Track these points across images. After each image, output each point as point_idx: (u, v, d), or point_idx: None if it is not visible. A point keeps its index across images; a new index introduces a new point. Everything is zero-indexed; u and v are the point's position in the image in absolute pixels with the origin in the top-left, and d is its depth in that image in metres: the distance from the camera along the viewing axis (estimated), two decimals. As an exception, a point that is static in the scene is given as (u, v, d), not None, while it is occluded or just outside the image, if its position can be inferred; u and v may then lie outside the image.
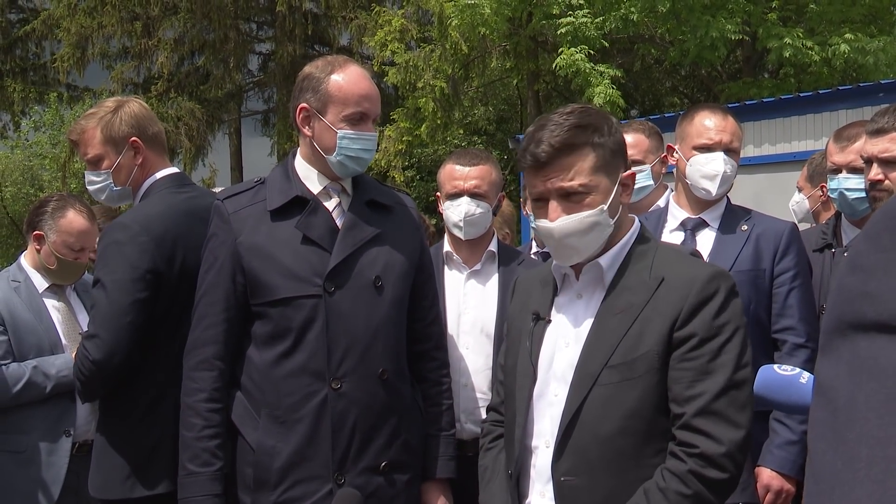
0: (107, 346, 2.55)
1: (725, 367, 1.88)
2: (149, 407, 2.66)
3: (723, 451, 1.84)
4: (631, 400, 1.91)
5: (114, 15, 20.64)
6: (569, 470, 1.95)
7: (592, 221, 1.97)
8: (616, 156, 2.02)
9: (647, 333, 1.92)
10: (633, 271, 2.00)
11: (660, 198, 3.67)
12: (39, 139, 22.18)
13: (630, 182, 2.06)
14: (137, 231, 2.62)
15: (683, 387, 1.88)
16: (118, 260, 2.60)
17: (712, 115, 3.08)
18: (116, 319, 2.56)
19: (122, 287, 2.58)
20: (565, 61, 13.69)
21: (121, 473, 2.64)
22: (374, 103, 2.55)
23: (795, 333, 2.97)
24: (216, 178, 21.84)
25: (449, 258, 3.16)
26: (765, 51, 14.80)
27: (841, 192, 3.17)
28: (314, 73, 2.54)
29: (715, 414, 1.85)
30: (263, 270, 2.46)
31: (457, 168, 3.10)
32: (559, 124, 1.97)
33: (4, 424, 3.37)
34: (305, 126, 2.54)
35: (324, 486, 2.42)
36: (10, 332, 3.38)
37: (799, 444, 2.93)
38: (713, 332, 1.90)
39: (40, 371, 3.33)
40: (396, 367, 2.55)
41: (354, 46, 21.32)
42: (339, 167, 2.53)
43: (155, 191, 2.82)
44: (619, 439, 1.91)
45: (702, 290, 1.92)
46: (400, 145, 17.18)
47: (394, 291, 2.55)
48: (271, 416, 2.44)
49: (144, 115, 2.88)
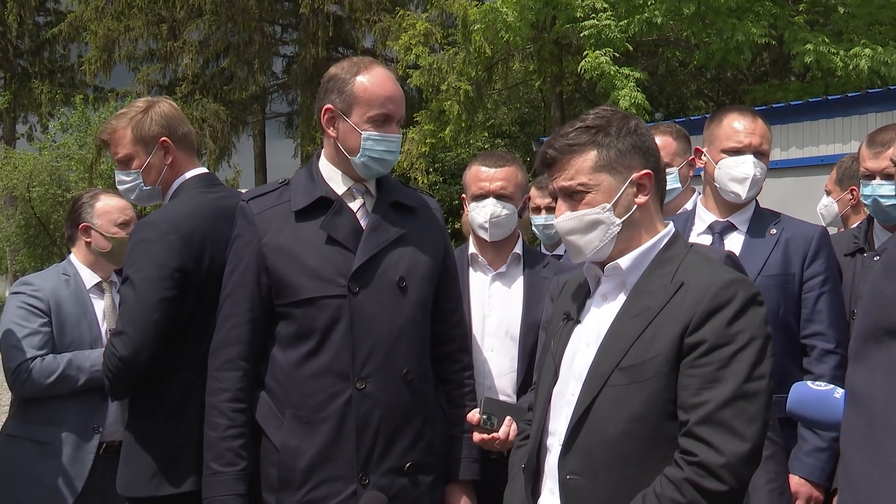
0: (134, 344, 2.56)
1: (735, 377, 1.82)
2: (176, 406, 2.67)
3: (722, 463, 1.78)
4: (637, 403, 1.89)
5: (140, 18, 20.88)
6: (574, 469, 1.94)
7: (593, 219, 2.00)
8: (627, 156, 2.01)
9: (659, 337, 1.90)
10: (657, 275, 1.98)
11: (687, 201, 3.63)
12: (66, 140, 22.41)
13: (647, 182, 2.03)
14: (166, 230, 2.63)
15: (690, 394, 1.84)
16: (146, 258, 2.61)
17: (742, 117, 3.04)
18: (144, 317, 2.57)
19: (150, 285, 2.59)
20: (590, 64, 13.65)
21: (147, 471, 2.65)
22: (398, 105, 2.54)
23: (825, 339, 2.93)
24: (240, 180, 22.00)
25: (474, 260, 3.15)
26: (791, 54, 14.67)
27: (875, 199, 3.12)
28: (339, 74, 2.54)
29: (719, 423, 1.80)
30: (288, 271, 2.46)
31: (483, 169, 3.09)
32: (569, 126, 2.05)
33: (34, 415, 3.42)
34: (330, 127, 2.55)
35: (348, 486, 2.42)
36: (55, 323, 3.45)
37: (828, 451, 2.89)
38: (725, 340, 1.85)
39: (74, 364, 3.37)
40: (420, 369, 2.55)
41: (378, 49, 21.38)
42: (363, 168, 2.53)
43: (184, 190, 2.84)
44: (623, 442, 1.89)
45: (716, 295, 1.88)
46: (423, 147, 17.21)
47: (418, 292, 2.55)
48: (295, 416, 2.44)
49: (174, 116, 2.89)
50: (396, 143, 2.54)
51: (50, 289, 3.50)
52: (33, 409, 3.42)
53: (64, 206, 20.64)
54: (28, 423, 3.43)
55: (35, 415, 3.42)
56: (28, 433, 3.42)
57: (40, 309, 3.45)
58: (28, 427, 3.43)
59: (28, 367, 3.34)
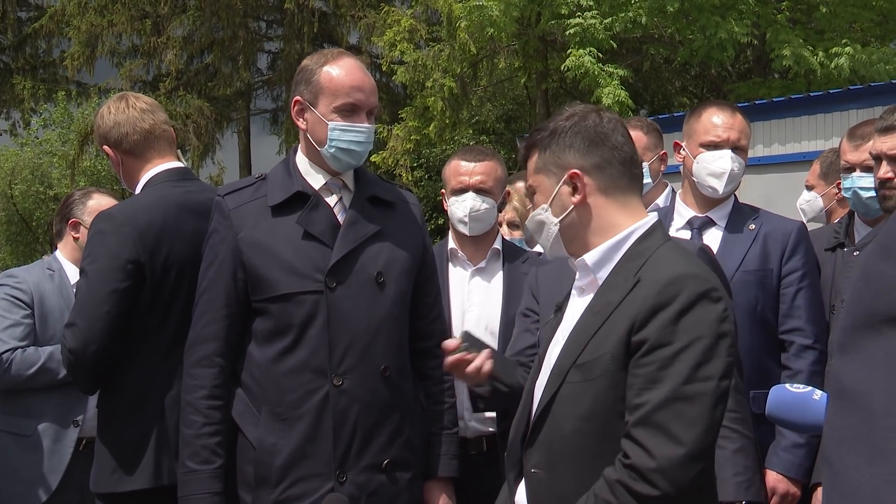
0: (83, 335, 2.53)
1: (674, 378, 1.75)
2: (135, 402, 2.64)
3: (653, 466, 1.72)
4: (587, 401, 1.86)
5: (124, 13, 20.71)
6: (537, 462, 1.94)
7: (538, 220, 2.04)
8: (561, 156, 1.99)
9: (611, 335, 1.86)
10: (624, 270, 1.94)
11: (659, 196, 3.62)
12: (48, 136, 22.22)
13: (578, 182, 1.96)
14: (121, 221, 2.62)
15: (633, 394, 1.80)
16: (100, 250, 2.60)
17: (720, 112, 3.05)
18: (94, 308, 2.55)
19: (102, 276, 2.57)
20: (574, 62, 13.65)
21: (108, 467, 2.63)
22: (367, 95, 2.51)
23: (803, 334, 2.94)
24: (224, 176, 21.87)
25: (453, 255, 3.14)
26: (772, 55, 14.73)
27: (855, 192, 3.12)
28: (308, 65, 2.54)
29: (654, 426, 1.74)
30: (264, 266, 2.44)
31: (462, 164, 3.08)
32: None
33: (14, 407, 3.42)
34: (300, 119, 2.53)
35: (325, 483, 2.40)
36: (37, 315, 3.47)
37: (805, 447, 2.89)
38: (666, 339, 1.78)
39: (55, 357, 3.36)
40: (398, 364, 2.53)
41: (363, 45, 21.31)
42: (332, 160, 2.51)
43: (152, 184, 2.81)
44: (576, 439, 1.88)
45: (661, 292, 1.81)
46: (408, 144, 17.16)
47: (396, 288, 2.53)
48: (272, 413, 2.42)
49: (124, 121, 2.81)
50: (365, 133, 2.50)
51: (33, 282, 3.52)
52: (12, 401, 3.42)
53: (47, 203, 20.50)
54: (7, 414, 3.44)
55: (14, 407, 3.42)
56: (6, 425, 3.43)
57: (23, 301, 3.46)
58: (6, 419, 3.43)
59: (8, 357, 3.34)
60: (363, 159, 2.57)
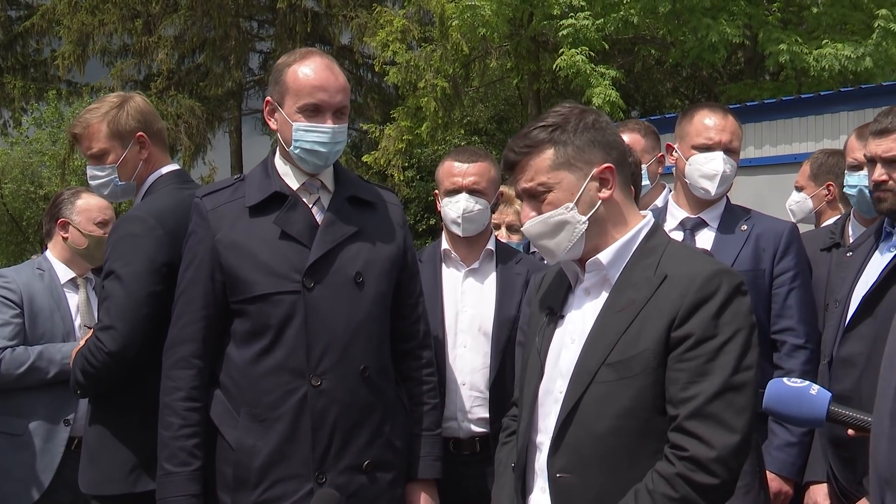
0: (123, 338, 2.52)
1: (723, 369, 1.83)
2: (154, 404, 2.62)
3: (713, 456, 1.79)
4: (626, 399, 1.88)
5: (115, 12, 20.62)
6: (564, 467, 1.93)
7: (559, 220, 1.97)
8: (585, 151, 1.98)
9: (646, 332, 1.89)
10: (640, 268, 1.97)
11: (657, 197, 3.64)
12: (39, 136, 22.13)
13: (609, 176, 1.99)
14: (153, 224, 2.61)
15: (679, 388, 1.84)
16: (134, 252, 2.58)
17: (712, 114, 3.06)
18: (134, 312, 2.53)
19: (140, 279, 2.55)
20: (566, 62, 13.67)
21: (122, 469, 2.62)
22: (331, 95, 2.48)
23: (795, 334, 2.96)
24: (215, 176, 21.80)
25: (447, 256, 3.14)
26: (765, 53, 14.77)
27: (861, 189, 3.13)
28: (278, 64, 2.53)
29: (709, 417, 1.81)
30: (241, 267, 2.43)
31: (455, 165, 3.08)
32: (529, 127, 2.03)
33: (4, 406, 3.41)
34: (271, 119, 2.53)
35: (304, 485, 2.39)
36: (27, 315, 3.46)
37: (798, 445, 2.91)
38: (711, 333, 1.85)
39: (45, 356, 3.37)
40: (379, 365, 2.52)
41: (355, 45, 21.29)
42: (299, 161, 2.50)
43: (160, 186, 2.81)
44: (612, 438, 1.89)
45: (701, 287, 1.87)
46: (400, 144, 17.16)
47: (376, 288, 2.52)
48: (250, 414, 2.41)
49: (148, 111, 2.88)
50: (329, 134, 2.48)
51: (23, 281, 3.51)
52: (3, 401, 3.41)
53: (37, 203, 20.43)
54: None
55: (5, 406, 3.41)
56: None
57: (12, 300, 3.45)
58: None
59: None
60: (330, 160, 2.53)
